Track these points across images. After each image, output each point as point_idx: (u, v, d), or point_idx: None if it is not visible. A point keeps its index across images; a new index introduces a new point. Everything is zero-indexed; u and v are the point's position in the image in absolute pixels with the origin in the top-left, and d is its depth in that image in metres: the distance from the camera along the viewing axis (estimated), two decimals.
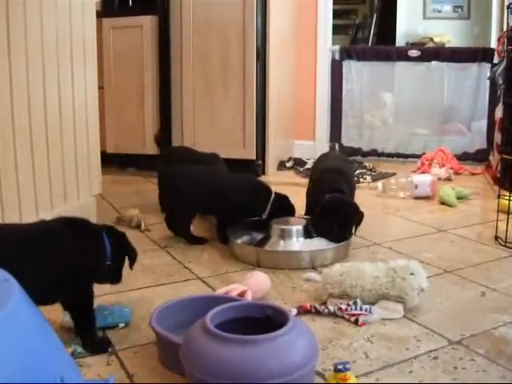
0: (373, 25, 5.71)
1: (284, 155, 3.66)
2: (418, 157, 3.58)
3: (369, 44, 5.59)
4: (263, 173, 3.31)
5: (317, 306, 1.48)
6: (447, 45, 5.05)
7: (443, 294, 1.61)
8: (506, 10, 2.76)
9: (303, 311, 1.47)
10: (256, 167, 3.26)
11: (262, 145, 3.29)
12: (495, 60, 3.57)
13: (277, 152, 3.48)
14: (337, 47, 3.92)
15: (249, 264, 1.87)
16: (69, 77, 2.18)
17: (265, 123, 3.27)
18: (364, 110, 4.00)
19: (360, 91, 3.95)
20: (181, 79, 3.31)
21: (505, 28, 3.19)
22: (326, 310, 1.47)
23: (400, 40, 5.56)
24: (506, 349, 1.28)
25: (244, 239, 2.05)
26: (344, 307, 1.45)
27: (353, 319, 1.43)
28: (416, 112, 3.94)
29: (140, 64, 3.36)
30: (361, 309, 1.44)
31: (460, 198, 2.73)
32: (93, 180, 2.38)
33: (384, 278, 1.49)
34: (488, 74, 3.64)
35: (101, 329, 1.35)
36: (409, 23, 5.65)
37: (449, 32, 5.37)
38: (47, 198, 2.06)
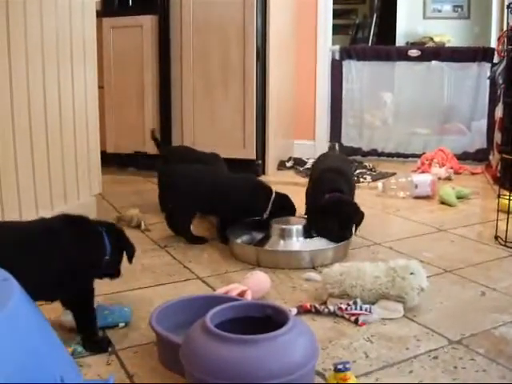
0: (373, 25, 5.71)
1: (284, 155, 3.66)
2: (418, 156, 3.58)
3: (369, 44, 5.58)
4: (263, 173, 3.31)
5: (317, 306, 1.48)
6: (447, 44, 5.05)
7: (443, 294, 1.61)
8: (506, 10, 2.76)
9: (303, 311, 1.47)
10: (256, 167, 3.25)
11: (262, 145, 3.28)
12: (495, 60, 3.57)
13: (277, 152, 3.48)
14: (337, 47, 3.91)
15: (249, 264, 1.87)
16: (69, 76, 2.18)
17: (265, 123, 3.27)
18: (364, 110, 4.00)
19: (360, 91, 3.95)
20: (181, 79, 3.31)
21: (505, 27, 3.18)
22: (326, 310, 1.47)
23: (400, 40, 5.56)
24: (506, 348, 1.28)
25: (244, 239, 2.05)
26: (344, 307, 1.45)
27: (353, 319, 1.43)
28: (416, 112, 3.94)
29: (140, 64, 3.36)
30: (361, 308, 1.44)
31: (460, 198, 2.73)
32: (93, 180, 2.38)
33: (384, 278, 1.49)
34: (488, 74, 3.64)
35: (101, 328, 1.35)
36: (409, 23, 5.65)
37: (449, 32, 5.36)
38: (47, 198, 2.06)
